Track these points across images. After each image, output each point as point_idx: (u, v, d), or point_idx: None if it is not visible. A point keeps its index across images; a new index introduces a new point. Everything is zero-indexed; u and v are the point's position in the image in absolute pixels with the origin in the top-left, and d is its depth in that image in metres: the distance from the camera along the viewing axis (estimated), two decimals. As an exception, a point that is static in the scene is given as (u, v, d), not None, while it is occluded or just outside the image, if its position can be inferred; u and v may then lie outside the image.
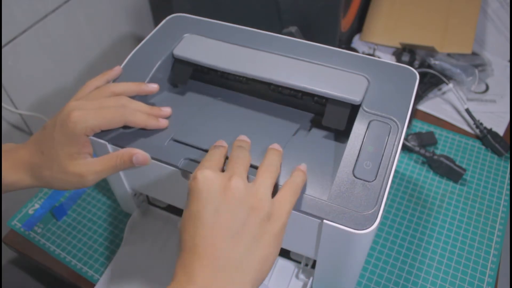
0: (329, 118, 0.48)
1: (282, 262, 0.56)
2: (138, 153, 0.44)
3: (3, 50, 0.64)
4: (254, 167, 0.43)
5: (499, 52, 0.85)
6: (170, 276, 0.36)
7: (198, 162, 0.45)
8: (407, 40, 0.83)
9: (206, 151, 0.46)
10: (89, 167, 0.44)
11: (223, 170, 0.41)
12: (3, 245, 0.65)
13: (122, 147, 0.47)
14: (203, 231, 0.35)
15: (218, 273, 0.34)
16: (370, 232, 0.40)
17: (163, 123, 0.48)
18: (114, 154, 0.44)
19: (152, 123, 0.47)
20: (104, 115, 0.44)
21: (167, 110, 0.50)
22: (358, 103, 0.47)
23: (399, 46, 0.83)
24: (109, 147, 0.49)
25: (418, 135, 0.70)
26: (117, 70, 0.52)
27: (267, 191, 0.38)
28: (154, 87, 0.50)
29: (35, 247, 0.62)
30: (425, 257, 0.59)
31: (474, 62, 0.80)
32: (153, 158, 0.46)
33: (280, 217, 0.37)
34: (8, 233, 0.64)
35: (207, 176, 0.37)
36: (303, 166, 0.43)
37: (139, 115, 0.47)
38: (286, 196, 0.39)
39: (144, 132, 0.48)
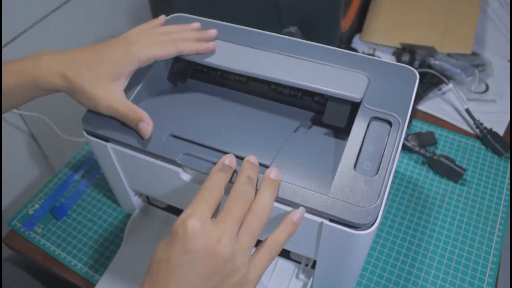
0: (330, 115, 0.48)
1: (282, 262, 0.56)
2: (144, 123, 0.46)
3: (3, 50, 0.64)
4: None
5: (499, 52, 0.85)
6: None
7: (196, 157, 0.45)
8: (407, 40, 0.83)
9: (205, 146, 0.46)
10: (109, 97, 0.46)
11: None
12: (3, 245, 0.65)
13: (122, 142, 0.47)
14: (172, 283, 0.34)
15: None
16: (370, 233, 0.40)
17: (212, 45, 0.52)
18: (132, 108, 0.46)
19: (202, 47, 0.51)
20: (159, 48, 0.48)
21: (213, 32, 0.53)
22: (359, 101, 0.47)
23: (399, 46, 0.83)
24: (109, 147, 0.49)
25: (418, 135, 0.70)
26: (161, 19, 0.54)
27: (247, 255, 0.36)
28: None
29: (35, 247, 0.62)
30: (425, 257, 0.59)
31: (474, 62, 0.80)
32: (151, 155, 0.46)
33: (253, 281, 0.37)
34: (8, 233, 0.64)
35: (196, 230, 0.34)
36: (297, 216, 0.40)
37: (190, 43, 0.50)
38: (264, 259, 0.37)
39: None
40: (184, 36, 0.51)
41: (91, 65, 0.46)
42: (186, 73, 0.54)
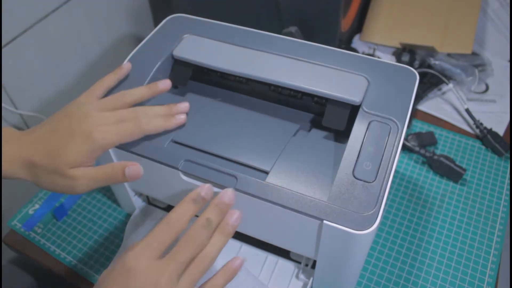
0: (329, 118, 0.48)
1: (282, 262, 0.56)
2: (129, 166, 0.43)
3: (3, 50, 0.64)
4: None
5: (499, 52, 0.85)
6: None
7: (197, 164, 0.45)
8: (407, 40, 0.83)
9: (207, 152, 0.46)
10: (84, 172, 0.43)
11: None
12: (3, 245, 0.65)
13: (122, 149, 0.47)
14: None
15: None
16: (370, 233, 0.40)
17: (181, 120, 0.48)
18: (109, 165, 0.43)
19: (170, 124, 0.47)
20: (123, 131, 0.44)
21: (184, 106, 0.49)
22: (358, 104, 0.47)
23: (399, 46, 0.83)
24: (110, 150, 0.49)
25: (418, 135, 0.70)
26: (126, 67, 0.52)
27: None
28: (166, 83, 0.50)
29: (35, 247, 0.62)
30: (425, 257, 0.59)
31: (474, 62, 0.80)
32: (153, 160, 0.46)
33: None
34: (8, 233, 0.64)
35: (139, 269, 0.36)
36: (238, 262, 0.41)
37: (156, 121, 0.46)
38: None
39: None
40: (151, 113, 0.47)
41: (52, 155, 0.43)
42: (186, 76, 0.54)
